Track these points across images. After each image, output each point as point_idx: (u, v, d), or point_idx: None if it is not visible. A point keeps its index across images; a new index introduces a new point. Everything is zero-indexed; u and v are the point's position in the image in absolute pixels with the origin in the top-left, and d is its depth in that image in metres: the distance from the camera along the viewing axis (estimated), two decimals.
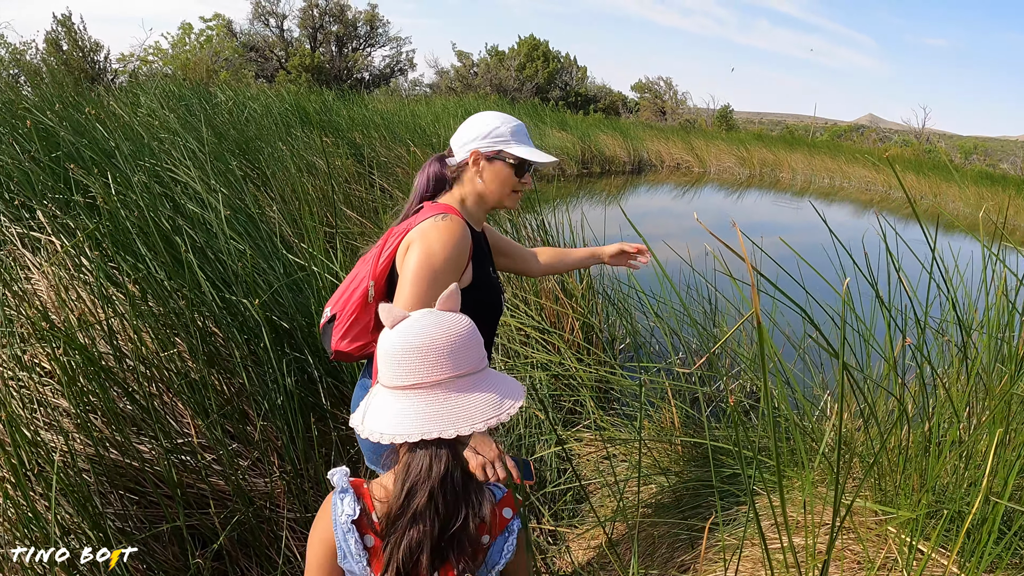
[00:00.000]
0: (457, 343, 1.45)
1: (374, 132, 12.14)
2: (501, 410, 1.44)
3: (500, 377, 1.53)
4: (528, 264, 3.04)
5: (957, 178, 25.23)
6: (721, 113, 45.13)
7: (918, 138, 53.51)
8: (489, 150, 2.38)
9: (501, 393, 1.47)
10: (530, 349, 4.93)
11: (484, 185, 2.40)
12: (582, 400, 4.64)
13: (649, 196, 19.68)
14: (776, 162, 28.50)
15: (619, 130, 26.38)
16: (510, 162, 2.39)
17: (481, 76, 39.32)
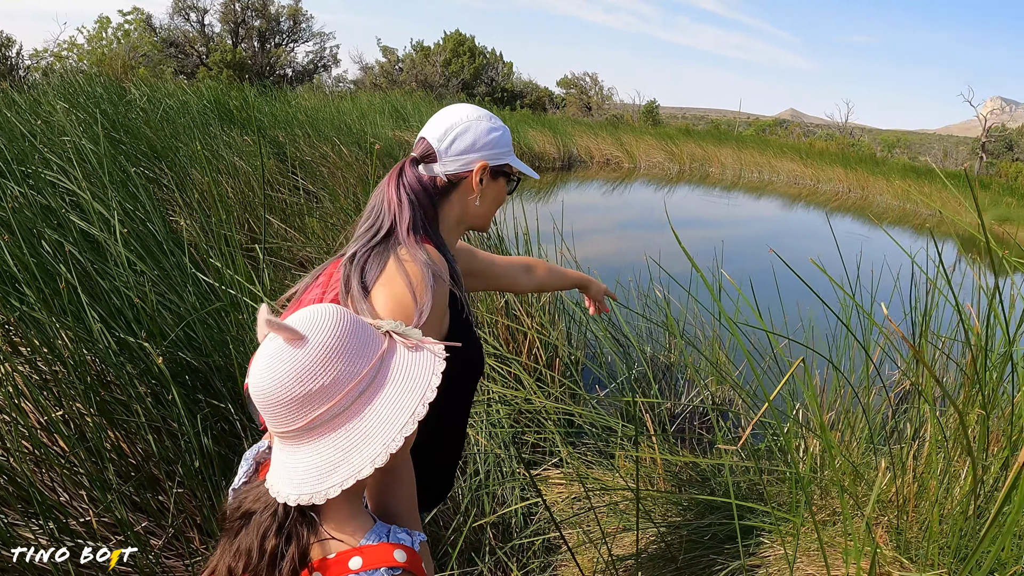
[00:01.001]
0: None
1: (298, 130, 11.50)
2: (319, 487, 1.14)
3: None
4: (514, 279, 2.55)
5: (884, 171, 25.69)
6: (647, 108, 45.55)
7: (841, 132, 54.66)
8: (496, 163, 1.90)
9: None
10: (484, 380, 4.37)
11: (480, 206, 1.92)
12: (547, 435, 4.11)
13: (580, 192, 19.53)
14: (705, 157, 28.74)
15: (548, 126, 26.08)
16: (512, 178, 1.99)
17: (406, 72, 39.13)
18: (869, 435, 3.77)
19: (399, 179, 1.82)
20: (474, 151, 1.85)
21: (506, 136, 1.93)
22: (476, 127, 1.86)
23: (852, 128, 63.87)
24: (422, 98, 25.87)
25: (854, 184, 26.02)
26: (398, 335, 1.28)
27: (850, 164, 27.38)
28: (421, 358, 1.26)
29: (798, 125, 67.00)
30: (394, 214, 1.77)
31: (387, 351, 1.24)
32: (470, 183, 1.87)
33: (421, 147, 1.86)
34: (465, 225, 1.96)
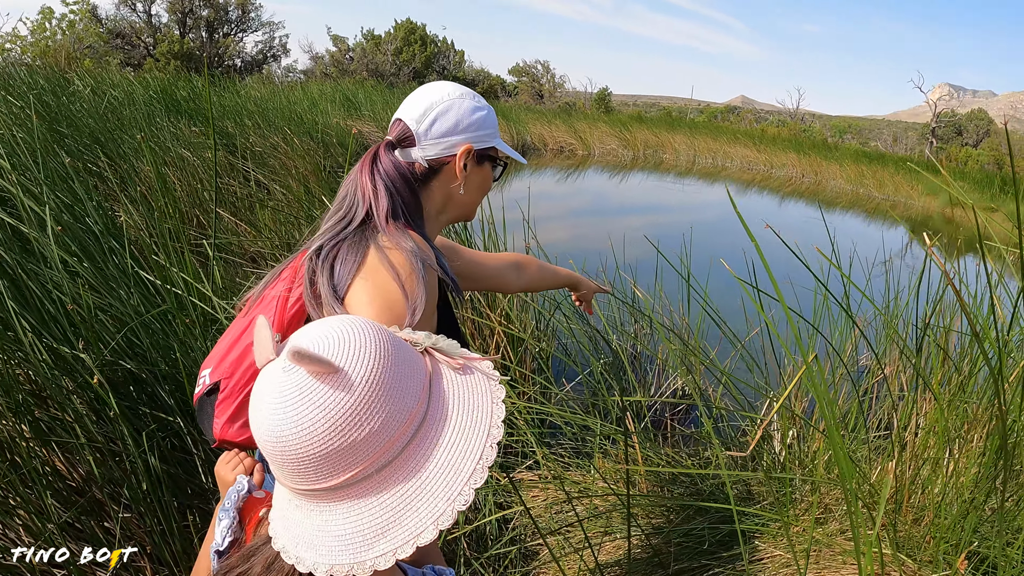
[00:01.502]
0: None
1: (247, 120, 11.16)
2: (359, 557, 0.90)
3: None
4: (503, 278, 2.33)
5: (837, 156, 25.98)
6: (599, 95, 45.70)
7: (793, 118, 55.19)
8: (482, 147, 1.70)
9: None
10: None
11: (464, 194, 1.72)
12: (519, 436, 3.90)
13: (533, 180, 19.29)
14: (659, 143, 28.82)
15: (501, 114, 25.59)
16: (499, 162, 1.79)
17: (357, 61, 38.82)
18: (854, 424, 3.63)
19: (373, 165, 1.61)
20: (457, 133, 1.65)
21: (491, 116, 1.72)
22: (459, 106, 1.66)
23: (803, 114, 64.58)
24: (373, 87, 25.49)
25: (807, 169, 26.27)
26: (439, 352, 1.04)
27: (803, 150, 27.71)
28: (474, 383, 1.03)
29: (750, 111, 67.52)
30: (369, 201, 1.57)
31: (433, 377, 1.00)
32: (453, 169, 1.66)
33: (397, 129, 1.65)
34: (448, 216, 1.76)
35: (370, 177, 1.59)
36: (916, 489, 2.81)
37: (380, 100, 19.71)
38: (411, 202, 1.61)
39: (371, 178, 1.59)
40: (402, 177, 1.60)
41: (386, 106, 18.72)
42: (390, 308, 1.39)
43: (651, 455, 3.61)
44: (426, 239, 1.59)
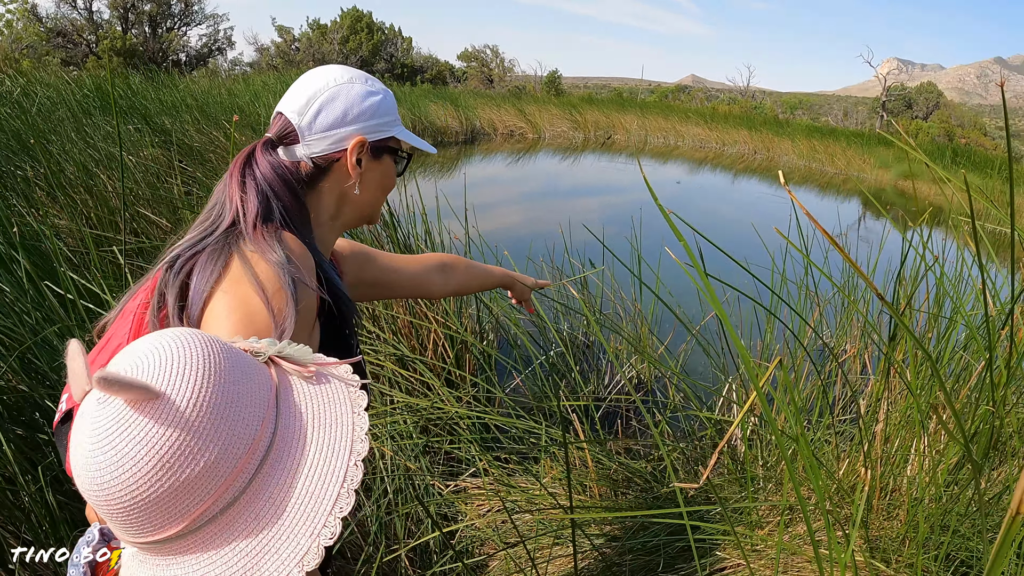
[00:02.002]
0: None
1: (186, 115, 10.75)
2: None
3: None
4: (425, 283, 2.07)
5: (789, 132, 26.16)
6: (549, 78, 45.69)
7: (744, 96, 55.56)
8: (377, 138, 1.47)
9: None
10: (384, 385, 3.84)
11: (361, 194, 1.49)
12: (461, 443, 3.63)
13: (484, 165, 19.13)
14: (610, 124, 28.80)
15: (449, 99, 25.46)
16: (401, 155, 1.57)
17: (303, 51, 38.57)
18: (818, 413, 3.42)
19: (245, 169, 1.36)
20: (346, 124, 1.42)
21: (388, 102, 1.50)
22: (347, 92, 1.42)
23: (754, 92, 65.15)
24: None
25: (759, 146, 26.45)
26: (284, 360, 0.88)
27: (754, 126, 27.90)
28: (331, 393, 0.88)
29: (700, 90, 68.08)
30: (236, 207, 1.32)
31: (280, 390, 0.84)
32: (345, 166, 1.44)
33: (277, 125, 1.41)
34: (345, 220, 1.53)
35: (239, 182, 1.35)
36: (888, 479, 2.62)
37: None
38: (294, 207, 1.37)
39: (240, 183, 1.35)
40: (281, 179, 1.37)
41: None
42: (251, 322, 1.15)
43: (602, 458, 3.37)
44: (315, 249, 1.37)
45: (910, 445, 2.58)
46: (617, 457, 3.49)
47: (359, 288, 1.84)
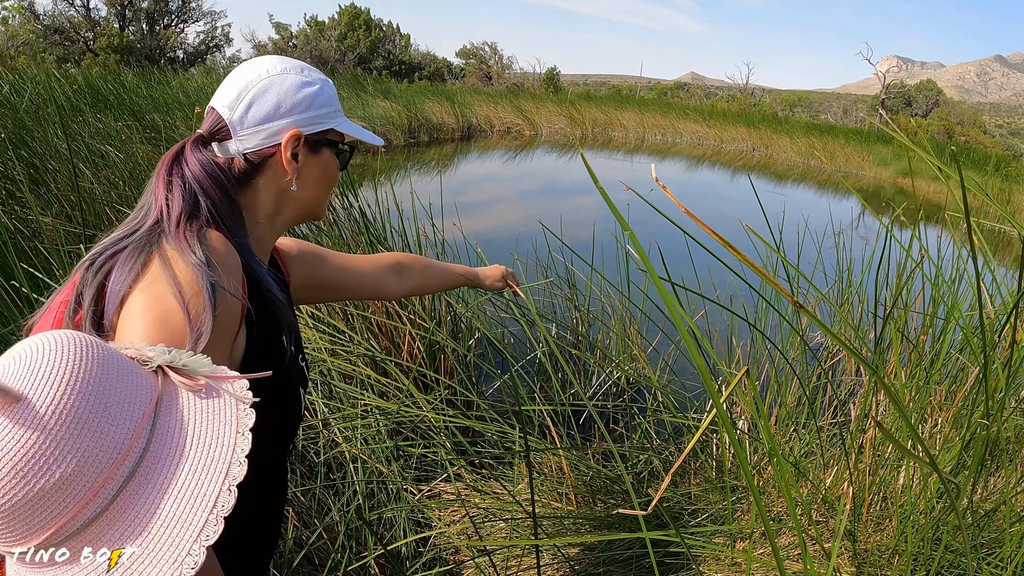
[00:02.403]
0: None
1: (177, 112, 10.67)
2: None
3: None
4: (380, 284, 1.96)
5: (787, 129, 26.14)
6: (548, 76, 45.58)
7: (743, 93, 55.53)
8: (314, 131, 1.37)
9: None
10: (355, 387, 3.69)
11: (300, 191, 1.40)
12: (435, 446, 3.49)
13: (481, 162, 19.00)
14: (608, 121, 28.74)
15: (446, 96, 25.35)
16: (342, 147, 1.47)
17: (300, 48, 38.45)
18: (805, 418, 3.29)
19: (172, 166, 1.27)
20: (279, 117, 1.33)
21: (326, 93, 1.40)
22: (280, 84, 1.33)
23: (753, 89, 65.20)
24: None
25: (758, 143, 26.42)
26: (175, 371, 0.84)
27: (753, 123, 27.88)
28: (218, 408, 0.84)
29: (699, 88, 67.99)
30: (160, 206, 1.23)
31: (162, 401, 0.80)
32: (280, 161, 1.34)
33: (209, 120, 1.33)
34: (286, 218, 1.44)
35: (165, 181, 1.25)
36: (876, 489, 2.49)
37: None
38: (223, 205, 1.28)
39: (167, 181, 1.25)
40: (210, 177, 1.27)
41: None
42: (165, 323, 1.05)
43: (581, 464, 3.23)
44: (247, 249, 1.28)
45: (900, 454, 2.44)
46: (598, 463, 3.37)
47: (310, 289, 1.74)
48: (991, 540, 2.19)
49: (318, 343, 3.67)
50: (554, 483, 3.16)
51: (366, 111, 19.14)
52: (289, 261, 1.65)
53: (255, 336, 1.26)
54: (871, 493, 2.49)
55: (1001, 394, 1.90)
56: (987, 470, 2.50)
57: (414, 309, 3.97)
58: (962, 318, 2.79)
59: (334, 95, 1.43)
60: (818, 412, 3.44)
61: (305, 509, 3.04)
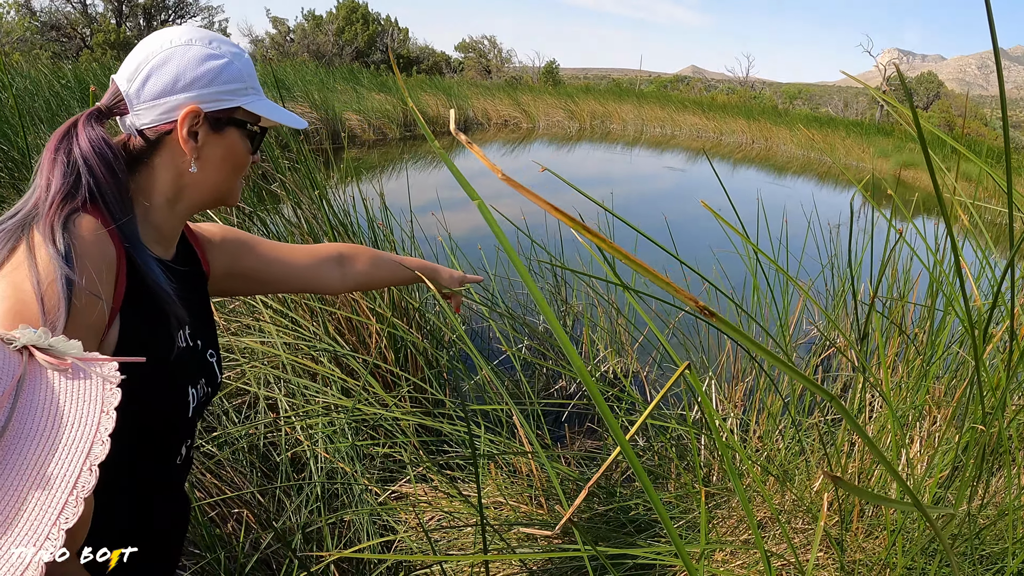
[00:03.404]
0: None
1: None
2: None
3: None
4: (317, 276, 1.80)
5: (787, 122, 26.17)
6: (547, 69, 45.59)
7: (743, 86, 55.60)
8: (217, 108, 1.26)
9: None
10: (319, 384, 3.49)
11: (201, 172, 1.28)
12: (400, 446, 3.30)
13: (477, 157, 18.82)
14: (606, 114, 28.73)
15: (443, 89, 25.33)
16: (251, 129, 1.33)
17: (298, 43, 38.26)
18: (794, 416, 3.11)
19: (62, 142, 1.17)
20: (177, 91, 1.22)
21: (236, 68, 1.28)
22: (181, 55, 1.22)
23: (753, 82, 65.23)
24: (313, 71, 24.75)
25: (757, 135, 26.41)
26: (42, 351, 0.79)
27: (752, 116, 27.92)
28: (83, 389, 0.78)
29: (699, 80, 68.20)
30: (41, 186, 1.14)
31: (24, 380, 0.75)
32: (177, 140, 1.23)
33: (109, 93, 1.25)
34: (189, 203, 1.32)
35: (51, 156, 1.15)
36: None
37: (315, 80, 19.16)
38: (109, 185, 1.16)
39: (52, 159, 1.15)
40: (99, 155, 1.16)
41: (322, 87, 18.24)
42: (20, 313, 0.99)
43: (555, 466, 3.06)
44: (133, 236, 1.18)
45: (895, 455, 2.26)
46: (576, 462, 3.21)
47: (235, 279, 1.61)
48: (995, 553, 2.01)
49: (280, 338, 3.49)
50: (525, 485, 2.99)
51: (362, 104, 19.02)
52: (208, 248, 1.52)
53: (130, 328, 1.14)
54: (862, 500, 2.31)
55: (1000, 391, 1.72)
56: (988, 471, 2.32)
57: (383, 303, 3.79)
58: (960, 309, 2.62)
59: (245, 71, 1.30)
60: (807, 409, 3.26)
61: (263, 510, 2.88)
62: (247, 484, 2.94)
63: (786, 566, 2.27)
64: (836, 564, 2.20)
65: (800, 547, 2.40)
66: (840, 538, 2.23)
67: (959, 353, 2.89)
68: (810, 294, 4.84)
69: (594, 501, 2.88)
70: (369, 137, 17.91)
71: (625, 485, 3.10)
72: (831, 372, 4.49)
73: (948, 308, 2.82)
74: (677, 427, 2.63)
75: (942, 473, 2.20)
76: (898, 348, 3.43)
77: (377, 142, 17.88)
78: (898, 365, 3.30)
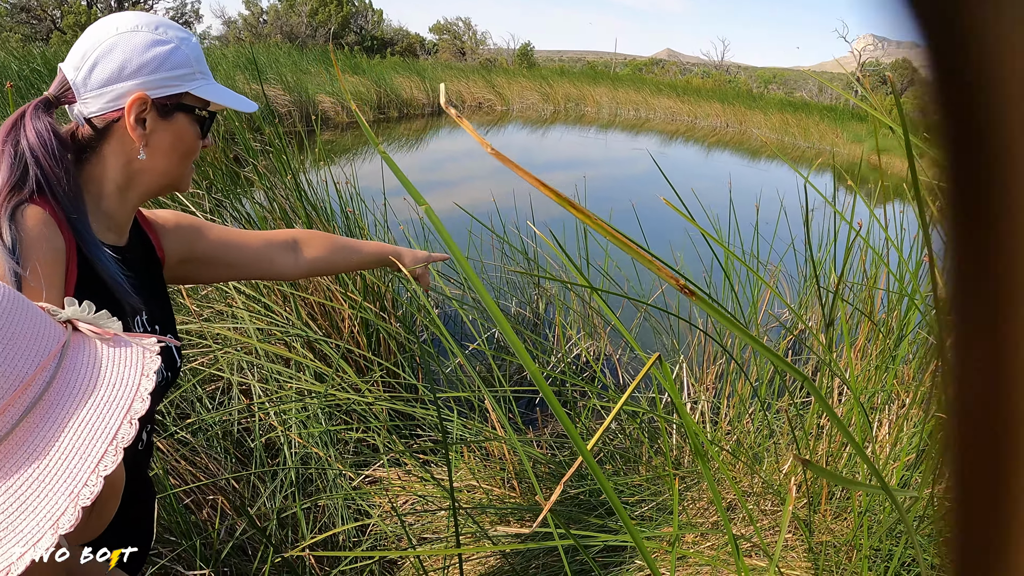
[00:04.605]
0: None
1: None
2: None
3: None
4: (272, 261, 1.77)
5: (761, 106, 26.20)
6: (522, 51, 45.42)
7: (718, 69, 55.61)
8: (164, 94, 1.25)
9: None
10: (291, 370, 3.47)
11: (150, 160, 1.27)
12: (374, 430, 3.30)
13: (452, 138, 18.75)
14: (580, 96, 28.67)
15: (416, 72, 25.08)
16: (200, 114, 1.32)
17: (271, 24, 37.86)
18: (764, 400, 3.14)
19: (9, 135, 1.17)
20: (124, 79, 1.21)
21: (182, 53, 1.27)
22: (128, 42, 1.21)
23: (728, 66, 65.20)
24: (286, 52, 24.49)
25: (732, 119, 26.42)
26: (87, 324, 0.84)
27: (727, 100, 27.93)
28: (125, 355, 0.83)
29: (675, 64, 68.13)
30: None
31: (69, 344, 0.80)
32: (125, 127, 1.22)
33: (56, 82, 1.25)
34: (141, 190, 1.32)
35: (18, 149, 1.16)
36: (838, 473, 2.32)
37: (288, 62, 19.01)
38: (58, 178, 1.17)
39: (0, 149, 1.16)
40: (45, 146, 1.16)
41: (295, 68, 18.11)
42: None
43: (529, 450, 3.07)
44: (83, 226, 1.18)
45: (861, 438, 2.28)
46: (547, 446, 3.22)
47: (190, 265, 1.60)
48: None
49: (253, 324, 3.48)
50: (498, 468, 3.01)
51: (334, 87, 18.90)
52: (163, 235, 1.51)
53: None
54: (830, 482, 2.33)
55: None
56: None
57: (354, 287, 3.78)
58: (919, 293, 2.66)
59: (193, 56, 1.29)
60: (776, 392, 3.29)
61: (238, 496, 2.88)
62: (222, 471, 2.94)
63: (757, 547, 2.30)
64: (805, 546, 2.23)
65: (769, 528, 2.42)
66: (808, 520, 2.25)
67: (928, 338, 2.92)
68: (782, 277, 4.89)
69: (566, 483, 2.89)
70: (343, 120, 17.81)
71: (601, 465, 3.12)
72: (801, 356, 4.52)
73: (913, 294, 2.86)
74: (648, 412, 2.64)
75: (908, 456, 2.23)
76: (868, 332, 3.45)
77: (351, 124, 17.79)
78: (868, 347, 3.33)
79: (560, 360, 4.30)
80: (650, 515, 2.59)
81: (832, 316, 2.24)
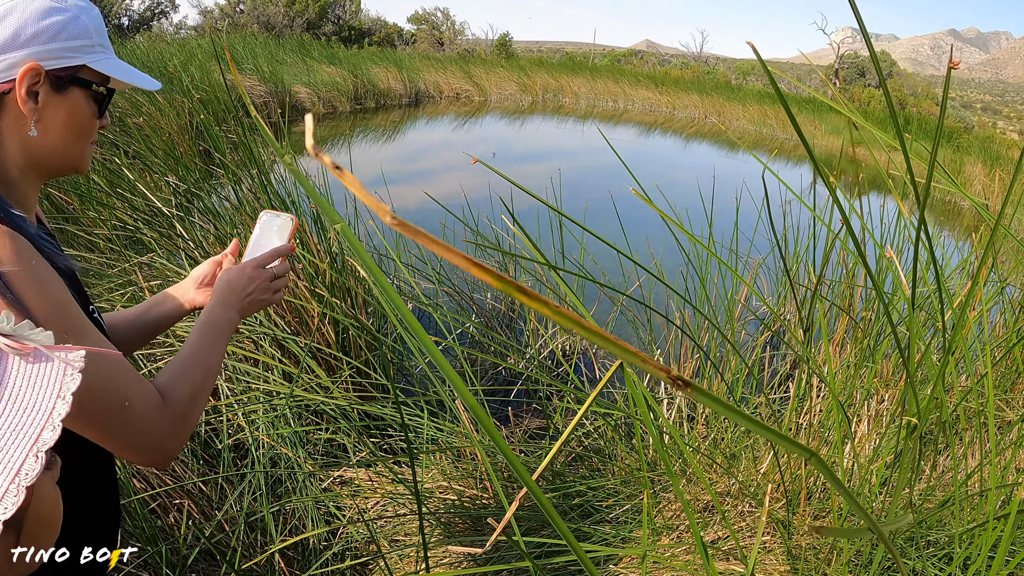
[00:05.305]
0: None
1: None
2: None
3: None
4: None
5: (740, 97, 26.25)
6: (500, 42, 45.29)
7: (697, 61, 55.75)
8: (59, 65, 1.16)
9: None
10: (258, 370, 3.41)
11: (42, 136, 1.18)
12: (343, 430, 3.23)
13: (430, 129, 18.73)
14: (559, 87, 28.68)
15: (394, 62, 24.97)
16: (97, 90, 1.23)
17: (248, 14, 37.54)
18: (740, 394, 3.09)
19: None
20: (17, 47, 1.12)
21: (82, 23, 1.19)
22: (22, 10, 1.12)
23: (707, 57, 65.40)
24: (263, 42, 24.29)
25: (710, 110, 26.47)
26: (4, 336, 0.74)
27: (706, 91, 27.99)
28: (43, 373, 0.74)
29: (653, 55, 68.28)
30: None
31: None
32: (16, 100, 1.13)
33: None
34: (41, 170, 1.23)
35: None
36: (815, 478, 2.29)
37: (263, 53, 18.88)
38: None
39: None
40: None
41: (270, 59, 18.01)
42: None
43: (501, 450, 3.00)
44: (17, 218, 1.08)
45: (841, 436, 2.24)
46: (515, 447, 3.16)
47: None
48: (941, 539, 1.99)
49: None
50: (470, 468, 2.95)
51: (312, 77, 18.78)
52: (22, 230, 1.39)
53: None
54: (808, 482, 2.29)
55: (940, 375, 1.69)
56: (934, 450, 2.31)
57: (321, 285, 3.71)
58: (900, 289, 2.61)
59: (94, 27, 1.21)
60: (754, 388, 3.24)
61: (206, 500, 2.81)
62: (189, 473, 2.87)
63: (735, 549, 2.25)
64: (784, 548, 2.18)
65: (747, 530, 2.38)
66: (787, 521, 2.21)
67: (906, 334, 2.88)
68: (761, 271, 4.85)
69: (538, 485, 2.83)
70: (319, 110, 17.72)
71: (572, 469, 3.07)
72: (779, 351, 4.48)
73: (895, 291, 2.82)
74: (621, 411, 2.59)
75: (889, 456, 2.18)
76: (847, 324, 3.42)
77: (327, 115, 17.68)
78: (847, 343, 3.30)
79: (531, 359, 4.25)
80: (625, 518, 2.54)
81: (810, 319, 2.18)
